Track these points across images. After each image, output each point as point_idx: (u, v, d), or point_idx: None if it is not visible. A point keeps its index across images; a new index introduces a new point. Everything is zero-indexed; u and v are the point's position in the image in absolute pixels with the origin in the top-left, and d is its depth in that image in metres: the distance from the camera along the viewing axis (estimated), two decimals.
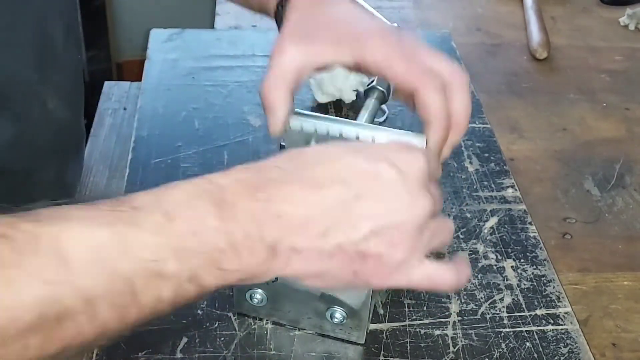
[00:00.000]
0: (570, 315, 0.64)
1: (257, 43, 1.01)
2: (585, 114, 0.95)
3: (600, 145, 0.90)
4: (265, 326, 0.62)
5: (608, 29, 1.16)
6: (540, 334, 0.62)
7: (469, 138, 0.86)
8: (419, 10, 1.19)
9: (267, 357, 0.59)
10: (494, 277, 0.68)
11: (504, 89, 1.00)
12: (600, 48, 1.11)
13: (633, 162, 0.87)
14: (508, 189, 0.79)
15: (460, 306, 0.64)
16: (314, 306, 0.59)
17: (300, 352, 0.60)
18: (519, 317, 0.64)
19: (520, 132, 0.91)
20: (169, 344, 0.59)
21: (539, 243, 0.72)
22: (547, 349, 0.61)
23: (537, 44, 1.07)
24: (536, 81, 1.02)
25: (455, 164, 0.81)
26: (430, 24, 1.16)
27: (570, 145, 0.89)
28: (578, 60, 1.07)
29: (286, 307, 0.60)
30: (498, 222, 0.74)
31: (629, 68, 1.06)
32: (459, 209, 0.75)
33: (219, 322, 0.62)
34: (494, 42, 1.11)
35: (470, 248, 0.71)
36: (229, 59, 0.98)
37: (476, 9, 1.21)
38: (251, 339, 0.60)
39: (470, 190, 0.78)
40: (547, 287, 0.67)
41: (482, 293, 0.66)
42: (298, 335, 0.61)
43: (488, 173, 0.81)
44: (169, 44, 1.00)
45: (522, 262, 0.69)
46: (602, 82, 1.02)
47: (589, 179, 0.84)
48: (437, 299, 0.65)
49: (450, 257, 0.69)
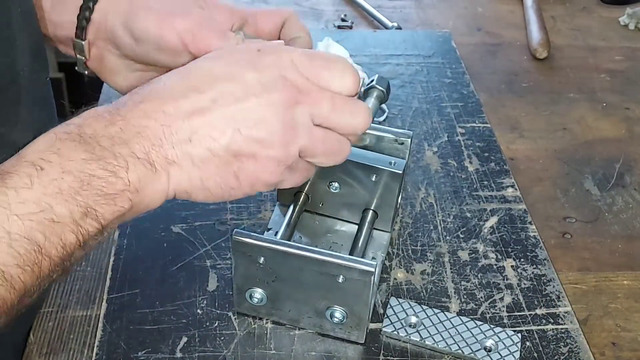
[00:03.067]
0: (570, 314, 0.64)
1: None
2: (585, 113, 0.95)
3: (600, 145, 0.90)
4: (265, 326, 0.62)
5: (608, 28, 1.16)
6: (540, 334, 0.62)
7: (469, 137, 0.86)
8: (419, 10, 1.20)
9: (267, 356, 0.59)
10: (494, 277, 0.68)
11: (504, 88, 1.00)
12: (600, 48, 1.11)
13: (633, 161, 0.87)
14: (508, 188, 0.79)
15: (460, 305, 0.65)
16: (313, 305, 0.59)
17: (300, 352, 0.60)
18: (519, 317, 0.64)
19: (520, 132, 0.91)
20: (168, 343, 0.59)
21: (538, 242, 0.72)
22: (547, 348, 0.61)
23: (537, 43, 1.07)
24: (536, 81, 1.02)
25: (455, 163, 0.82)
26: (430, 24, 1.16)
27: (570, 145, 0.89)
28: (578, 59, 1.07)
29: (286, 307, 0.60)
30: (498, 222, 0.74)
31: (629, 68, 1.06)
32: (459, 208, 0.75)
33: (218, 321, 0.62)
34: (494, 41, 1.11)
35: (470, 247, 0.71)
36: None
37: (476, 9, 1.21)
38: (251, 339, 0.60)
39: (470, 190, 0.78)
40: (547, 287, 0.67)
41: (482, 292, 0.66)
42: (298, 334, 0.61)
43: (488, 172, 0.81)
44: None
45: (522, 262, 0.69)
46: (602, 82, 1.02)
47: (588, 179, 0.84)
48: (438, 298, 0.65)
49: (450, 257, 0.69)
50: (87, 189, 0.42)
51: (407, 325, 0.61)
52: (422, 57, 1.01)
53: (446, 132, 0.87)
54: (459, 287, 0.66)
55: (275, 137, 0.46)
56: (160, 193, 0.46)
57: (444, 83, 0.96)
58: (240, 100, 0.46)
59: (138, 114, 0.45)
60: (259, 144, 0.46)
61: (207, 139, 0.45)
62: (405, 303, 0.63)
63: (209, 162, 0.46)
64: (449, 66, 0.99)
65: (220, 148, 0.46)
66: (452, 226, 0.73)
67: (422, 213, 0.74)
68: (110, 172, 0.43)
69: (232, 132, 0.46)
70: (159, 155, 0.45)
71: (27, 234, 0.40)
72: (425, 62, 1.00)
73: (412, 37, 1.06)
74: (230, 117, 0.46)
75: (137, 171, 0.44)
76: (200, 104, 0.46)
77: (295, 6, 1.19)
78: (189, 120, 0.45)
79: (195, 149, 0.45)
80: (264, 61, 0.48)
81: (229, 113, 0.46)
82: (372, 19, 1.16)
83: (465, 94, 0.94)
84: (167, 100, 0.46)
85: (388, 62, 1.00)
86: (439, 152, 0.83)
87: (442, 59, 1.01)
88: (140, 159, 0.44)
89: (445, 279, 0.67)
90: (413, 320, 0.62)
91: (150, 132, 0.44)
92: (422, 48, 1.03)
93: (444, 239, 0.71)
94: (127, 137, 0.44)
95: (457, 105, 0.91)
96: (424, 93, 0.93)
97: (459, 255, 0.70)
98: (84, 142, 0.43)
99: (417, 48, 1.03)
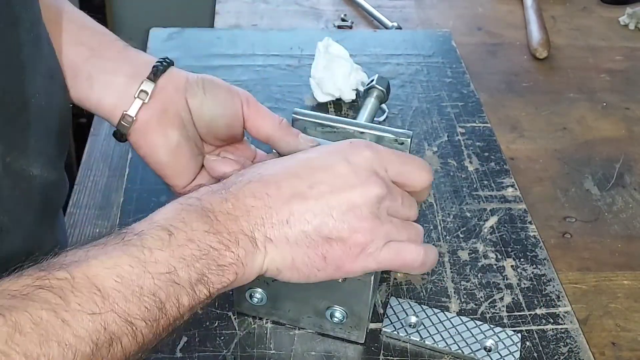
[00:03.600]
0: (570, 314, 0.64)
1: (257, 42, 1.01)
2: (585, 113, 0.95)
3: (600, 145, 0.90)
4: (265, 325, 0.62)
5: (608, 28, 1.16)
6: (540, 333, 0.62)
7: (469, 137, 0.86)
8: (419, 10, 1.20)
9: (267, 356, 0.59)
10: (493, 277, 0.68)
11: (504, 88, 1.00)
12: (600, 47, 1.11)
13: (633, 161, 0.87)
14: (508, 188, 0.79)
15: (460, 305, 0.65)
16: (313, 305, 0.59)
17: (300, 352, 0.60)
18: (519, 317, 0.64)
19: (520, 132, 0.91)
20: (168, 343, 0.59)
21: (538, 242, 0.72)
22: (547, 348, 0.61)
23: (537, 43, 1.07)
24: (536, 80, 1.02)
25: (455, 163, 0.82)
26: (430, 24, 1.16)
27: (570, 145, 0.89)
28: (578, 59, 1.07)
29: (286, 307, 0.60)
30: (498, 222, 0.74)
31: (629, 68, 1.06)
32: (458, 208, 0.75)
33: (218, 321, 0.62)
34: (494, 41, 1.11)
35: (470, 247, 0.71)
36: (229, 58, 0.98)
37: (477, 9, 1.21)
38: (251, 339, 0.60)
39: (470, 190, 0.78)
40: (546, 287, 0.67)
41: (482, 292, 0.66)
42: (298, 334, 0.61)
43: (488, 172, 0.81)
44: (169, 43, 1.00)
45: (522, 262, 0.69)
46: (602, 82, 1.02)
47: (588, 179, 0.84)
48: (437, 298, 0.65)
49: (450, 257, 0.69)
50: (205, 258, 0.46)
51: (407, 325, 0.61)
52: (422, 56, 1.01)
53: (446, 131, 0.87)
54: (458, 287, 0.66)
55: (364, 224, 0.51)
56: (257, 268, 0.49)
57: (444, 83, 0.96)
58: (336, 189, 0.51)
59: (247, 194, 0.50)
60: (349, 230, 0.50)
61: (303, 222, 0.50)
62: (405, 303, 0.63)
63: (302, 243, 0.50)
64: (449, 66, 0.99)
65: (313, 231, 0.50)
66: (452, 226, 0.73)
67: (422, 213, 0.74)
68: (225, 246, 0.47)
69: (325, 217, 0.50)
70: (261, 233, 0.49)
71: (154, 292, 0.43)
72: (426, 61, 1.00)
73: (412, 37, 1.06)
74: (325, 203, 0.50)
75: (244, 247, 0.48)
76: (299, 190, 0.50)
77: (296, 6, 1.19)
78: (288, 204, 0.50)
79: (291, 230, 0.50)
80: (356, 156, 0.53)
81: (324, 200, 0.50)
82: (372, 18, 1.16)
83: (465, 93, 0.94)
84: (271, 184, 0.50)
85: (388, 62, 1.00)
86: (439, 151, 0.83)
87: (442, 59, 1.01)
88: (247, 236, 0.48)
89: (445, 278, 0.67)
90: (413, 320, 0.62)
91: (256, 211, 0.49)
92: (422, 48, 1.03)
93: (444, 239, 0.71)
94: (238, 215, 0.49)
95: (457, 105, 0.91)
96: (424, 93, 0.93)
97: (458, 255, 0.70)
98: (205, 215, 0.48)
99: (417, 48, 1.03)
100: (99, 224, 0.80)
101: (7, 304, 0.38)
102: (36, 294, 0.39)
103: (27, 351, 0.37)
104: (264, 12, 1.17)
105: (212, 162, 0.62)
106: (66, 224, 0.80)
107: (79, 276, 0.41)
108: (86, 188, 0.86)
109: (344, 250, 0.51)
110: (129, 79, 0.60)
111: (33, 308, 0.38)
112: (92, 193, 0.85)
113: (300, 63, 0.98)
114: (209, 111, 0.61)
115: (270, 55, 0.99)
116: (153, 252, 0.44)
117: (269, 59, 0.98)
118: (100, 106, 0.60)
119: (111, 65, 0.61)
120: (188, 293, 0.45)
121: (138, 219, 0.48)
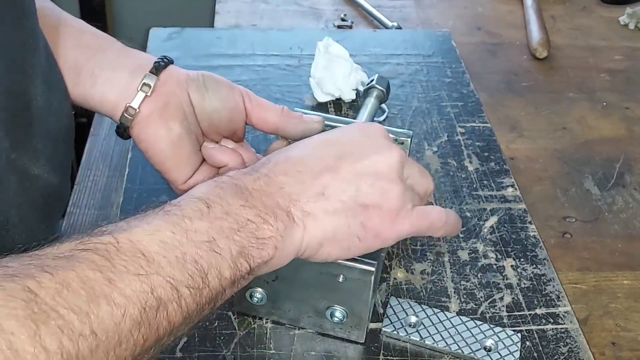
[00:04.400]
0: (570, 314, 0.64)
1: (257, 42, 1.01)
2: (585, 113, 0.95)
3: (600, 145, 0.90)
4: (265, 325, 0.62)
5: (608, 28, 1.16)
6: (540, 333, 0.62)
7: (468, 137, 0.86)
8: (419, 9, 1.20)
9: (267, 356, 0.59)
10: (493, 276, 0.68)
11: (504, 88, 1.00)
12: (600, 47, 1.11)
13: (633, 161, 0.87)
14: (508, 188, 0.79)
15: (460, 305, 0.65)
16: (313, 305, 0.59)
17: (300, 351, 0.60)
18: (519, 316, 0.64)
19: (520, 131, 0.91)
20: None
21: (538, 242, 0.72)
22: (547, 348, 0.61)
23: (537, 43, 1.07)
24: (536, 80, 1.02)
25: (455, 163, 0.82)
26: (430, 23, 1.16)
27: (570, 145, 0.89)
28: (578, 59, 1.07)
29: (286, 306, 0.60)
30: (498, 221, 0.74)
31: (629, 67, 1.06)
32: (458, 208, 0.75)
33: (218, 321, 0.62)
34: (494, 41, 1.11)
35: (470, 247, 0.71)
36: (229, 57, 0.98)
37: (476, 8, 1.21)
38: (251, 338, 0.60)
39: (470, 190, 0.78)
40: (546, 286, 0.67)
41: (481, 292, 0.66)
42: (298, 334, 0.61)
43: (488, 172, 0.81)
44: (169, 43, 1.00)
45: (522, 261, 0.69)
46: (602, 82, 1.02)
47: (588, 178, 0.84)
48: (437, 297, 0.65)
49: (450, 257, 0.69)
50: (243, 231, 0.46)
51: (407, 325, 0.61)
52: (422, 56, 1.01)
53: (446, 131, 0.87)
54: (458, 286, 0.66)
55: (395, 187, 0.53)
56: (296, 244, 0.50)
57: (443, 82, 0.96)
58: (362, 157, 0.53)
59: (277, 172, 0.51)
60: (382, 195, 0.52)
61: (339, 192, 0.51)
62: (405, 303, 0.63)
63: (341, 212, 0.51)
64: (448, 66, 0.99)
65: (350, 199, 0.51)
66: None
67: None
68: (263, 219, 0.47)
69: (358, 184, 0.52)
70: (297, 209, 0.50)
71: (197, 260, 0.43)
72: (425, 61, 1.00)
73: (412, 37, 1.06)
74: (355, 172, 0.52)
75: (282, 220, 0.48)
76: (328, 163, 0.52)
77: (295, 6, 1.19)
78: (320, 178, 0.51)
79: (329, 201, 0.51)
80: (369, 129, 0.57)
81: (353, 168, 0.52)
82: (372, 18, 1.16)
83: (465, 93, 0.94)
84: (299, 162, 0.52)
85: (388, 62, 0.99)
86: (438, 151, 0.83)
87: (442, 59, 1.01)
88: (283, 211, 0.49)
89: (445, 278, 0.67)
90: (413, 320, 0.62)
91: (290, 188, 0.50)
92: (422, 48, 1.03)
93: (444, 239, 0.71)
94: (272, 191, 0.49)
95: (457, 105, 0.91)
96: (423, 92, 0.93)
97: (458, 255, 0.70)
98: (240, 192, 0.48)
99: (417, 48, 1.03)
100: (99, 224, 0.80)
101: (53, 264, 0.38)
102: (81, 255, 0.39)
103: (74, 307, 0.36)
104: (264, 12, 1.17)
105: (211, 149, 0.63)
106: (66, 224, 0.80)
107: (123, 241, 0.41)
108: (86, 188, 0.86)
109: (380, 216, 0.52)
110: (132, 73, 0.61)
111: (80, 268, 0.38)
112: (92, 193, 0.85)
113: (300, 63, 0.98)
114: (211, 104, 0.62)
115: (270, 55, 0.99)
116: (193, 221, 0.44)
117: (268, 59, 0.98)
118: (104, 101, 0.61)
119: (113, 61, 0.61)
120: (230, 266, 0.45)
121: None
